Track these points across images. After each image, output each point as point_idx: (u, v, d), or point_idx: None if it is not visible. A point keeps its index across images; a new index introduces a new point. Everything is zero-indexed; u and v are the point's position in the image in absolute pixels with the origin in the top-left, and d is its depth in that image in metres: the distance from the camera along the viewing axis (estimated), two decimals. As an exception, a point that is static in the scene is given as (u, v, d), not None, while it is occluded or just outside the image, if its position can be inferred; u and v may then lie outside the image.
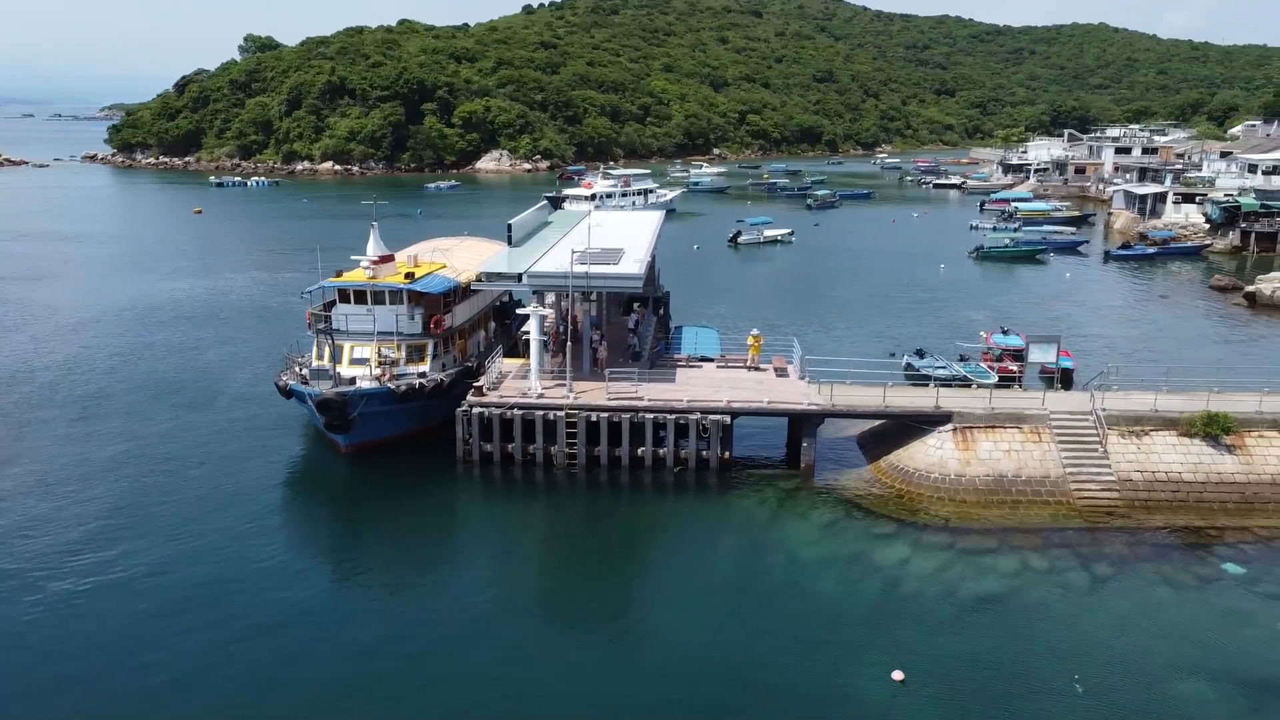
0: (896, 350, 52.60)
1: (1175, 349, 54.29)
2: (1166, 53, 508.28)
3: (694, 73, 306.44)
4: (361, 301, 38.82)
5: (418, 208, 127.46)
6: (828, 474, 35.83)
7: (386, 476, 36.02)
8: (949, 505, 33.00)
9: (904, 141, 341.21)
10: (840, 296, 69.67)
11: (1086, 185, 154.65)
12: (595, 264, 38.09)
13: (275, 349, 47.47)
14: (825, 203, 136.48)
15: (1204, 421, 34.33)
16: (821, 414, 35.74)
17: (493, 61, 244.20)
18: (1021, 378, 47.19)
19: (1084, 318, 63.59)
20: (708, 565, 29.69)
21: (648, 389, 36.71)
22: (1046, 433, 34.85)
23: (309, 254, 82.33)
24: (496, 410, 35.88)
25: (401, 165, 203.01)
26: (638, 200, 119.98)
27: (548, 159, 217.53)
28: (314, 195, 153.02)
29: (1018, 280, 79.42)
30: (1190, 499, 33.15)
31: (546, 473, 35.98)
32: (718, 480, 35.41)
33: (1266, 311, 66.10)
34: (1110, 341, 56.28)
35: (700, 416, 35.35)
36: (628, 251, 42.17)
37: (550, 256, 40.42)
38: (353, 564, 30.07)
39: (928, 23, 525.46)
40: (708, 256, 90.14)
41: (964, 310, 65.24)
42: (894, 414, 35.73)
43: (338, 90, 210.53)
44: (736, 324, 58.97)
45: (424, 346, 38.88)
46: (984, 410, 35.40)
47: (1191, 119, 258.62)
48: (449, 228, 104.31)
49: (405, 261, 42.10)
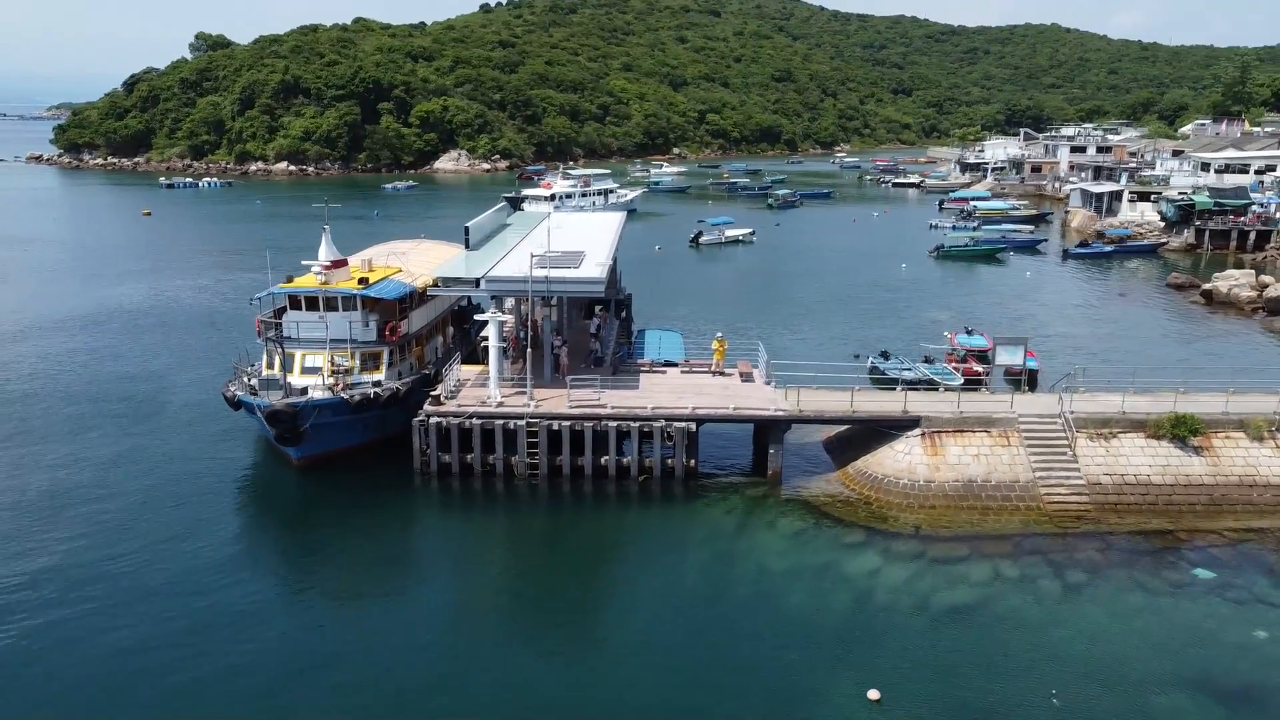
0: (861, 352, 52.12)
1: (1138, 348, 54.40)
2: (1117, 53, 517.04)
3: (653, 72, 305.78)
4: (313, 308, 37.46)
5: (374, 209, 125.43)
6: (795, 481, 35.13)
7: (341, 489, 34.75)
8: (918, 512, 32.42)
9: (862, 141, 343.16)
10: (803, 297, 69.20)
11: (1043, 184, 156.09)
12: (555, 267, 37.07)
13: (225, 357, 45.93)
14: (786, 202, 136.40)
15: (1171, 423, 34.09)
16: (788, 420, 35.03)
17: (450, 60, 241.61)
18: (988, 379, 47.06)
19: (1046, 317, 63.66)
20: (674, 578, 28.83)
21: (610, 396, 35.76)
22: (1015, 436, 34.43)
23: (262, 257, 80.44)
24: (455, 420, 34.74)
25: (358, 166, 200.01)
26: (598, 200, 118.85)
27: (507, 159, 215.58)
28: (268, 196, 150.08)
29: (978, 279, 79.54)
30: (1159, 502, 32.87)
31: (507, 484, 34.92)
32: (683, 489, 34.57)
33: (1222, 309, 66.61)
34: (1073, 341, 56.29)
35: (665, 424, 34.49)
36: (589, 254, 41.20)
37: (509, 260, 39.33)
38: (305, 581, 28.82)
39: (884, 23, 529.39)
40: (669, 257, 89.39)
41: (927, 310, 65.04)
42: (862, 419, 35.12)
43: (292, 89, 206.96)
44: (700, 326, 58.24)
45: (379, 354, 37.61)
46: (952, 414, 34.90)
47: (1142, 118, 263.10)
48: (407, 229, 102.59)
49: (359, 266, 40.75)
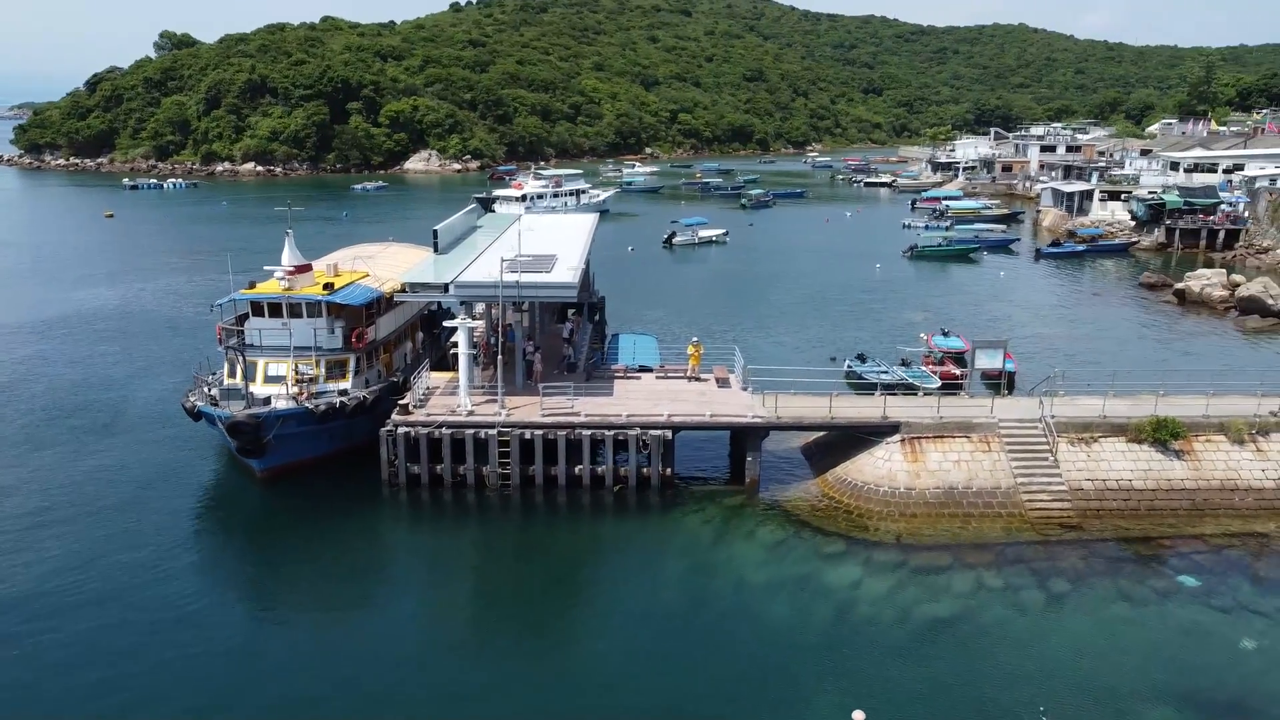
0: (838, 355, 51.58)
1: (1115, 349, 54.21)
2: (1083, 53, 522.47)
3: (625, 71, 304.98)
4: (276, 315, 36.29)
5: (344, 210, 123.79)
6: (773, 489, 34.41)
7: (306, 502, 33.63)
8: (899, 520, 31.79)
9: (834, 140, 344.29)
10: (778, 299, 68.61)
11: (1014, 183, 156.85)
12: (526, 272, 36.13)
13: (187, 364, 44.46)
14: (759, 202, 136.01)
15: (1152, 427, 33.69)
16: (766, 427, 34.31)
17: (420, 60, 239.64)
18: (965, 381, 46.63)
19: (1021, 318, 63.45)
20: (651, 591, 28.01)
21: (584, 403, 34.88)
22: (996, 441, 33.90)
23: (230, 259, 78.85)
24: (423, 429, 33.71)
25: (327, 166, 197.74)
26: (569, 201, 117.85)
27: (478, 159, 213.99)
28: (234, 197, 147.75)
29: (953, 280, 79.35)
30: (1141, 507, 32.45)
31: (478, 495, 33.93)
32: (659, 499, 33.74)
33: (1195, 309, 66.73)
34: (1050, 342, 56.04)
35: (640, 432, 33.64)
36: (560, 258, 40.27)
37: (479, 264, 38.32)
38: (270, 598, 27.76)
39: (854, 22, 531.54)
40: (643, 258, 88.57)
41: (902, 311, 64.65)
42: (841, 425, 34.45)
43: (259, 89, 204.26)
44: (674, 329, 57.49)
45: (345, 362, 36.50)
46: (932, 419, 34.31)
47: (1110, 117, 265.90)
48: (376, 231, 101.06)
49: (324, 271, 39.60)
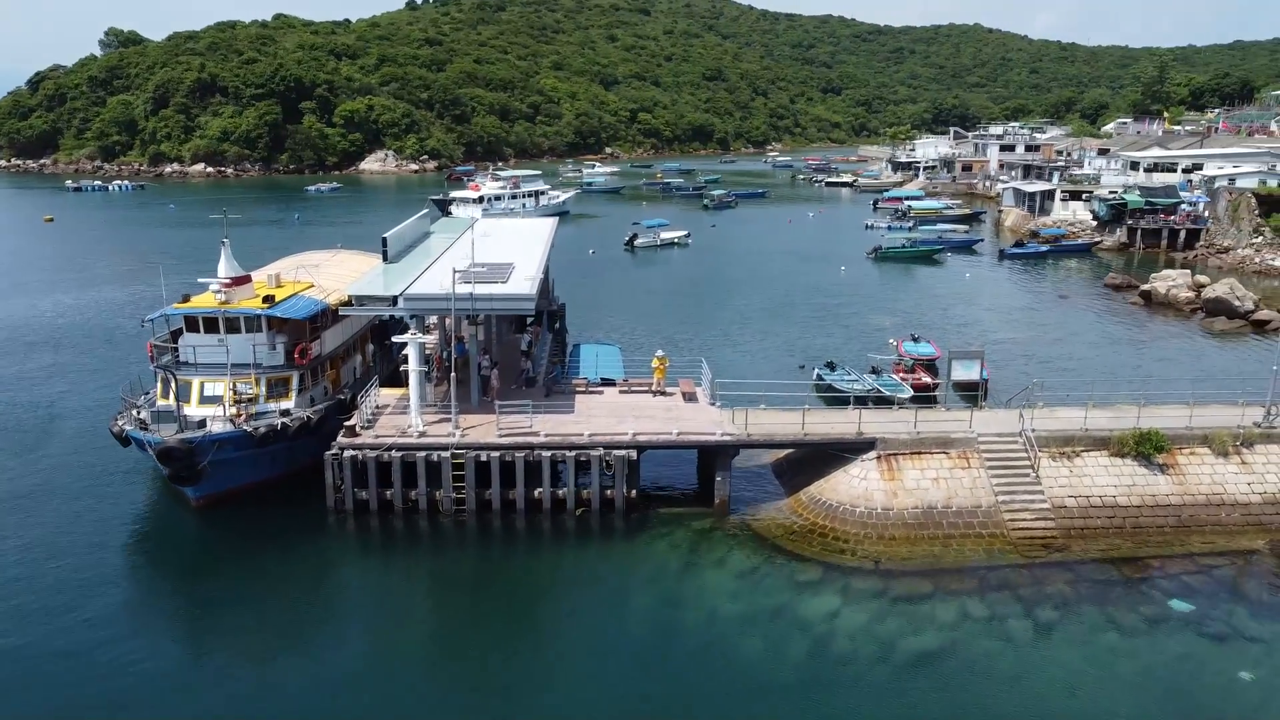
0: (806, 363, 50.10)
1: (1087, 354, 53.21)
2: (1037, 53, 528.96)
3: (584, 71, 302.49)
4: (212, 330, 33.94)
5: (295, 213, 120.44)
6: (744, 509, 32.70)
7: (245, 532, 31.36)
8: (877, 543, 30.21)
9: (793, 140, 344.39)
10: (743, 304, 67.00)
11: (974, 182, 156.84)
12: (481, 283, 34.10)
13: (123, 381, 41.84)
14: (722, 203, 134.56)
15: (1136, 441, 32.46)
16: (736, 445, 32.60)
17: (375, 59, 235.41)
18: (938, 390, 45.31)
19: (990, 322, 62.41)
20: (616, 627, 26.18)
21: (544, 422, 32.93)
22: (975, 457, 32.46)
23: (173, 265, 75.77)
24: (371, 452, 31.57)
25: (280, 167, 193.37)
26: (528, 202, 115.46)
27: (435, 159, 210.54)
28: (183, 200, 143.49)
29: (918, 282, 78.32)
30: (1126, 524, 31.16)
31: (431, 521, 31.86)
32: (624, 523, 31.89)
33: (1161, 310, 66.18)
34: (1020, 346, 54.96)
35: (604, 452, 31.75)
36: (518, 266, 38.27)
37: (430, 275, 36.19)
38: (205, 639, 25.53)
39: (812, 22, 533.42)
40: (604, 261, 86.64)
41: (870, 315, 63.35)
42: (814, 443, 32.82)
43: (208, 88, 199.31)
44: (637, 337, 55.66)
45: (287, 380, 34.21)
46: (909, 435, 32.79)
47: (1065, 116, 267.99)
48: (329, 234, 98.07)
49: (265, 282, 37.23)
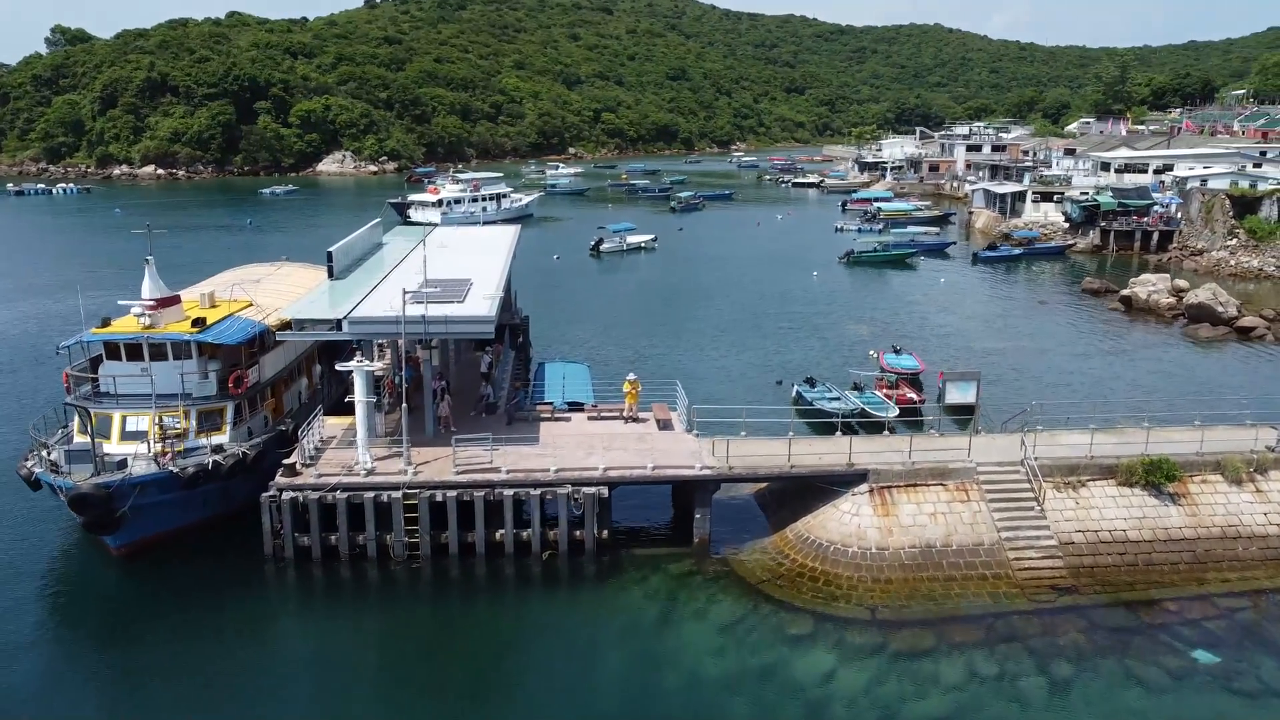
0: (784, 379, 47.53)
1: (1074, 365, 51.09)
2: (997, 52, 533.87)
3: (546, 70, 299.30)
4: (136, 357, 30.62)
5: (248, 217, 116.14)
6: (726, 549, 29.95)
7: (173, 583, 28.13)
8: (873, 587, 27.59)
9: (758, 139, 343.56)
10: (713, 314, 64.31)
11: (941, 182, 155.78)
12: (436, 302, 31.06)
13: (43, 411, 38.27)
14: (689, 205, 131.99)
15: (1145, 469, 30.15)
16: (717, 480, 29.85)
17: (332, 57, 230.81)
18: (924, 405, 42.93)
19: (970, 330, 60.26)
20: (587, 688, 23.39)
21: (505, 455, 29.98)
22: (975, 489, 29.97)
23: (113, 277, 71.79)
24: (314, 493, 28.43)
25: (234, 168, 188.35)
26: (489, 206, 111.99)
27: (395, 160, 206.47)
28: (131, 203, 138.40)
29: (893, 287, 76.16)
30: (1139, 561, 28.83)
31: (381, 569, 28.79)
32: (595, 566, 29.03)
33: (1142, 316, 64.50)
34: (1003, 358, 52.77)
35: (572, 489, 28.87)
36: (476, 282, 35.27)
37: (380, 293, 33.08)
38: (129, 705, 22.37)
39: (774, 21, 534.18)
40: (569, 268, 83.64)
41: (845, 324, 60.97)
42: (802, 476, 30.15)
43: (159, 87, 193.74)
44: (605, 352, 52.80)
45: (220, 411, 30.98)
46: (903, 466, 30.23)
47: (1028, 116, 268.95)
48: (282, 241, 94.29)
49: (197, 301, 33.93)
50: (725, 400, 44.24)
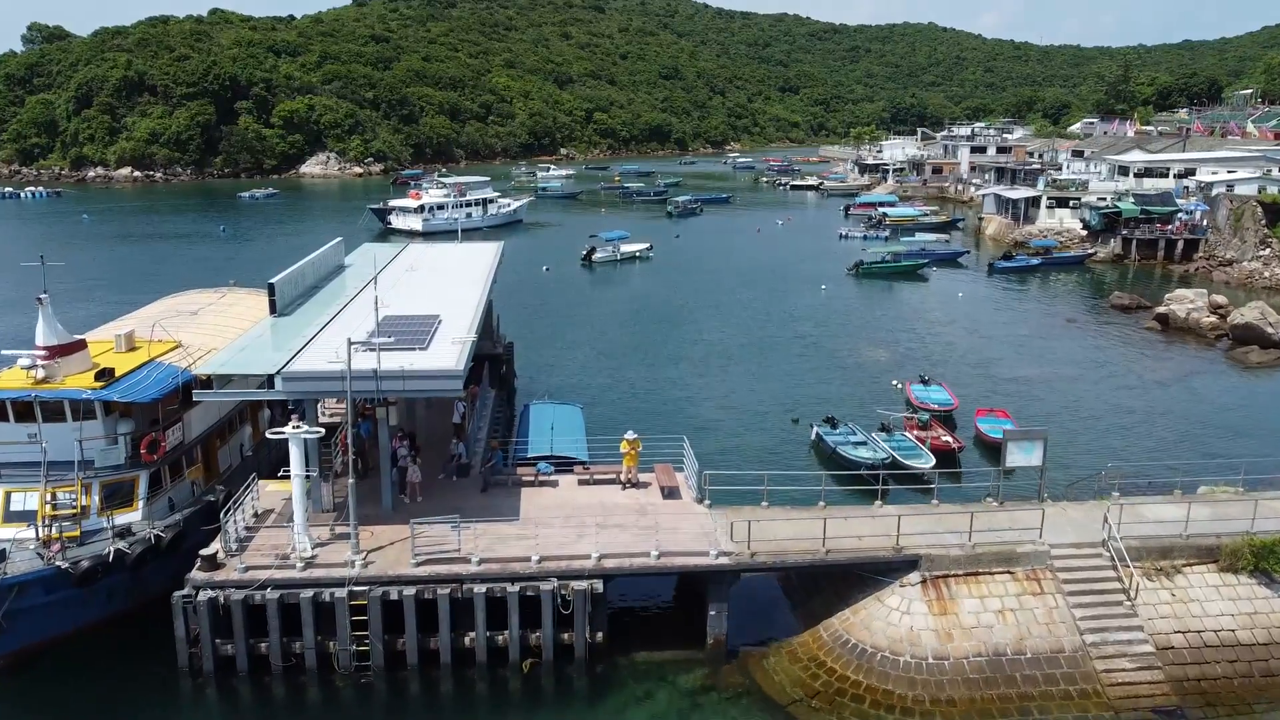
0: (801, 417, 42.17)
1: (1123, 400, 45.71)
2: (991, 51, 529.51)
3: (537, 69, 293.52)
4: (26, 419, 25.10)
5: (221, 224, 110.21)
6: (747, 652, 24.59)
7: (62, 704, 22.67)
8: (931, 709, 22.22)
9: (752, 139, 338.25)
10: (716, 336, 58.85)
11: (945, 185, 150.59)
12: (395, 348, 25.59)
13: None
14: (686, 209, 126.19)
15: (1253, 553, 24.83)
16: (737, 570, 24.44)
17: (317, 56, 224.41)
18: (960, 450, 37.69)
19: (996, 353, 54.90)
20: None
21: (477, 538, 24.49)
22: (1050, 578, 24.63)
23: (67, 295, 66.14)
24: (238, 592, 22.95)
25: (214, 170, 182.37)
26: (475, 212, 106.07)
27: (381, 162, 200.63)
28: (102, 208, 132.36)
29: (907, 303, 70.85)
30: (1255, 672, 23.51)
31: (323, 683, 23.34)
32: (587, 679, 23.64)
33: (1180, 336, 59.34)
34: (1039, 388, 47.47)
35: (558, 584, 23.44)
36: (446, 319, 29.80)
37: (328, 337, 27.53)
38: None
39: (767, 20, 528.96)
40: (559, 280, 78.10)
41: (862, 347, 55.62)
42: (841, 563, 24.74)
43: (136, 86, 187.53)
44: (598, 383, 47.36)
45: (131, 483, 25.47)
46: (961, 550, 24.87)
47: (1027, 116, 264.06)
48: (257, 251, 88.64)
49: (112, 343, 28.39)
50: (735, 441, 39.12)
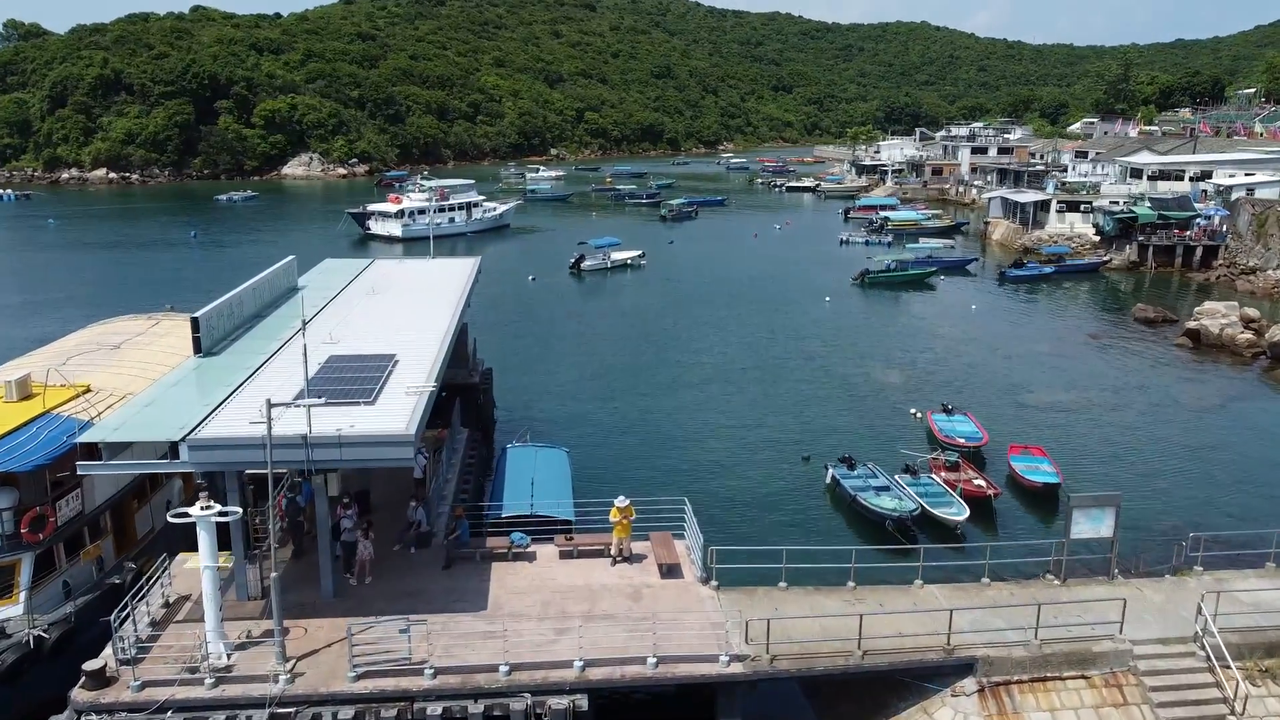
0: (813, 455, 37.67)
1: (1168, 431, 41.26)
2: (984, 51, 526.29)
3: (527, 67, 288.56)
4: (-123, 492, 20.49)
5: (192, 230, 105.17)
6: (764, 777, 20.09)
7: None
8: None
9: (745, 139, 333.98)
10: (715, 359, 54.21)
11: (945, 187, 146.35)
12: (336, 401, 21.00)
13: None
14: (681, 213, 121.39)
15: (1381, 650, 20.43)
16: (754, 680, 19.90)
17: (301, 54, 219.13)
18: (996, 496, 33.29)
19: (1020, 376, 50.47)
20: None
21: (432, 641, 19.88)
22: (1134, 685, 20.16)
23: (15, 312, 61.57)
24: (131, 717, 18.31)
25: (193, 172, 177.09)
26: (458, 216, 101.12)
27: (366, 163, 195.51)
28: (71, 213, 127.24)
29: (917, 317, 66.40)
30: (1393, 807, 19.11)
31: (239, 828, 18.71)
32: (569, 818, 19.05)
33: (1213, 354, 55.07)
34: (1073, 417, 43.05)
35: (532, 701, 18.88)
36: (404, 359, 25.16)
37: (254, 389, 22.82)
38: None
39: (760, 19, 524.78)
40: (545, 292, 73.44)
41: (874, 368, 51.16)
42: (882, 670, 20.22)
43: (113, 85, 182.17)
44: (585, 413, 42.80)
45: (11, 569, 20.84)
46: (1025, 648, 20.39)
47: (1024, 116, 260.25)
48: (227, 259, 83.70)
49: (2, 390, 23.73)
50: (741, 485, 34.68)
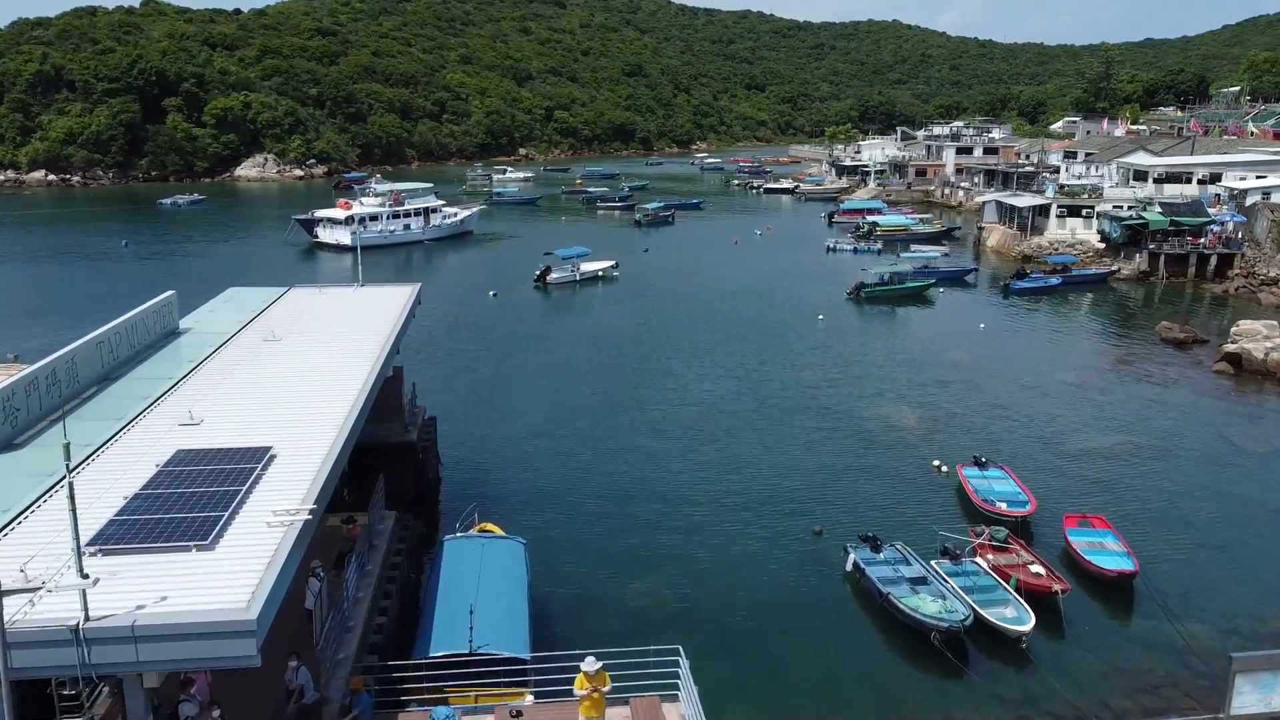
0: (825, 529, 30.77)
1: (1245, 489, 34.65)
2: (956, 49, 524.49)
3: (495, 65, 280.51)
4: None
5: (124, 239, 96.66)
6: None
7: None
8: None
9: (719, 139, 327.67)
10: (700, 394, 47.17)
11: (930, 189, 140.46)
12: (147, 544, 13.84)
13: None
14: (658, 218, 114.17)
15: None
16: None
17: (257, 50, 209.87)
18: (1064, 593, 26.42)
19: (1047, 413, 43.83)
20: None
21: None
22: None
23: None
24: None
25: (139, 173, 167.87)
26: (414, 223, 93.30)
27: (325, 163, 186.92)
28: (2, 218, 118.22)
29: (921, 339, 59.72)
30: None
31: None
32: None
33: (1259, 382, 48.94)
34: (1121, 472, 36.47)
35: None
36: (282, 455, 17.91)
37: (25, 532, 15.48)
38: None
39: (731, 17, 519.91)
40: (507, 309, 66.11)
41: (882, 407, 44.29)
42: None
43: (53, 82, 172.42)
44: (547, 473, 35.58)
45: None
46: None
47: (1002, 114, 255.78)
48: (165, 271, 75.51)
49: None
50: (741, 578, 27.68)
